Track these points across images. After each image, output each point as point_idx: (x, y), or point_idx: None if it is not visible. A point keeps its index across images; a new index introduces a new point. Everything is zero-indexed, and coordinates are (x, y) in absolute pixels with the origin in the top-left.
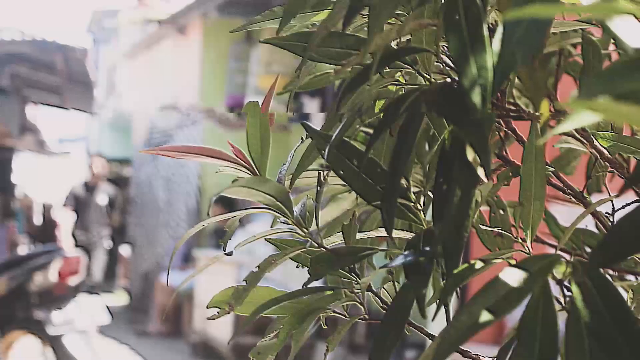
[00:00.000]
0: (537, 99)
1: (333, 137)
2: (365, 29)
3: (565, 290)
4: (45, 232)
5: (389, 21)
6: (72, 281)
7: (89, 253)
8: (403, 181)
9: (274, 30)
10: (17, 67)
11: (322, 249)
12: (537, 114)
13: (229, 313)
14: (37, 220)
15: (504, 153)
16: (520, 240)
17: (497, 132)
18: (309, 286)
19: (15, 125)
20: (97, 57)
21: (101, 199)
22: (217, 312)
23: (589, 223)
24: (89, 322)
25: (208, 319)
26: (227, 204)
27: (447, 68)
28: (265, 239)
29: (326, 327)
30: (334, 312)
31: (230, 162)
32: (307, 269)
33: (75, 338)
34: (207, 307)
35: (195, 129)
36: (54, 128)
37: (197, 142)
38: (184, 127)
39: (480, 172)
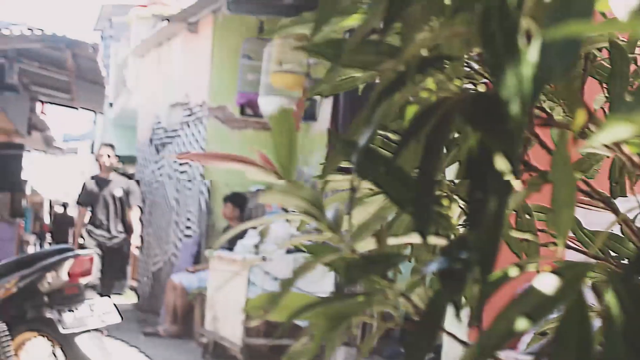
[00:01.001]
0: (572, 107)
1: (361, 144)
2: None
3: (598, 296)
4: (57, 231)
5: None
6: (84, 281)
7: (103, 251)
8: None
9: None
10: (26, 64)
11: (355, 254)
12: (566, 119)
13: (265, 318)
14: (48, 218)
15: (526, 158)
16: (546, 245)
17: None
18: (340, 291)
19: (24, 123)
20: (106, 53)
21: (116, 192)
22: (252, 317)
23: (608, 226)
24: (100, 322)
25: (247, 325)
26: (238, 203)
27: (477, 76)
28: (295, 245)
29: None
30: (367, 317)
31: (260, 168)
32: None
33: (86, 338)
34: (243, 312)
35: (200, 127)
36: (62, 125)
37: (201, 141)
38: (189, 125)
39: (512, 180)
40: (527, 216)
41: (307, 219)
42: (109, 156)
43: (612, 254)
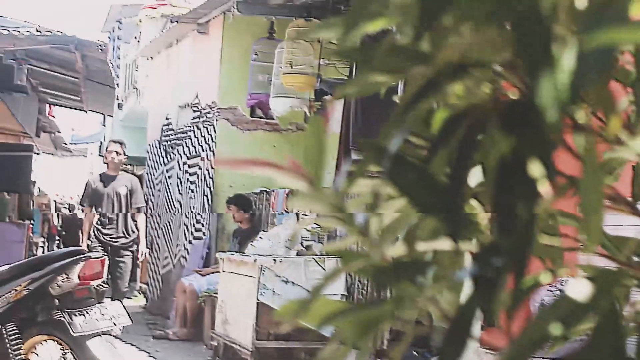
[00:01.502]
0: (606, 112)
1: (391, 150)
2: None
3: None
4: (66, 233)
5: None
6: (94, 284)
7: (111, 253)
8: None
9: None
10: (35, 65)
11: (385, 259)
12: (590, 123)
13: (296, 324)
14: (56, 220)
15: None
16: (569, 250)
17: None
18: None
19: (33, 125)
20: (115, 54)
21: (121, 190)
22: (283, 322)
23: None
24: (110, 325)
25: (281, 330)
26: (241, 205)
27: (503, 81)
28: (325, 251)
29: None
30: (397, 323)
31: (290, 174)
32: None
33: (97, 341)
34: (275, 318)
35: (210, 128)
36: (70, 127)
37: (211, 142)
38: (199, 126)
39: (544, 186)
40: (552, 221)
41: (335, 224)
42: (117, 153)
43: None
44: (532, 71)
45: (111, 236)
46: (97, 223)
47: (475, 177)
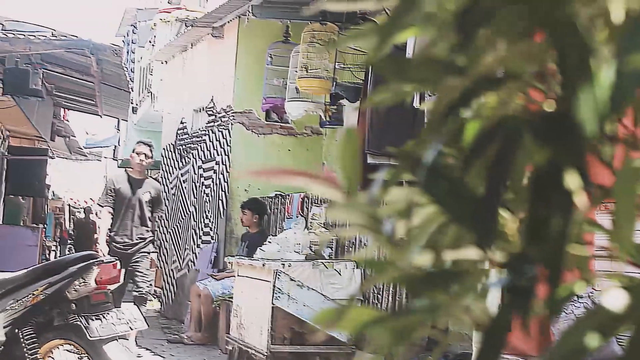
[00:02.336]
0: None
1: (427, 160)
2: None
3: None
4: (79, 237)
5: None
6: (110, 288)
7: (128, 258)
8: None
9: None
10: (50, 70)
11: (416, 268)
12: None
13: (331, 330)
14: (71, 224)
15: None
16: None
17: None
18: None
19: (48, 129)
20: (129, 58)
21: (144, 196)
22: (319, 329)
23: None
24: (127, 330)
25: (322, 332)
26: (256, 210)
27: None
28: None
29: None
30: (431, 331)
31: (324, 183)
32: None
33: (113, 346)
34: (313, 324)
35: (225, 132)
36: (84, 131)
37: (226, 146)
38: (213, 130)
39: (580, 197)
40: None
41: (366, 232)
42: (146, 155)
43: None
44: (570, 84)
45: (125, 244)
46: (109, 228)
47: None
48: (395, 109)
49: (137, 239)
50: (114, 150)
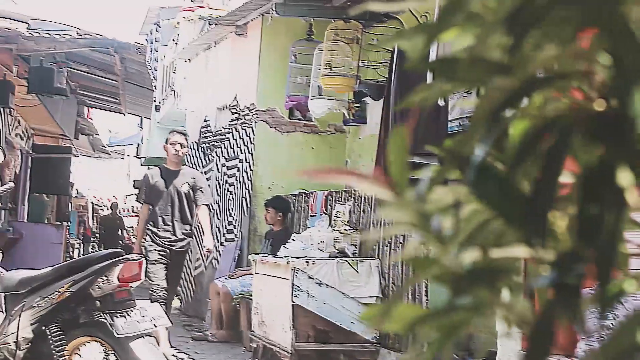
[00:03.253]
0: None
1: (476, 160)
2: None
3: None
4: (104, 234)
5: None
6: (132, 286)
7: (169, 257)
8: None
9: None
10: (74, 68)
11: (460, 266)
12: None
13: (379, 329)
14: (95, 222)
15: None
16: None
17: None
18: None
19: (72, 128)
20: (152, 56)
21: (182, 187)
22: (367, 327)
23: None
24: (151, 327)
25: (375, 336)
26: (280, 208)
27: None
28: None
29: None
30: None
31: (374, 182)
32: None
33: (139, 343)
34: (359, 321)
35: (248, 130)
36: (108, 129)
37: (250, 144)
38: (237, 128)
39: (632, 195)
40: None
41: (413, 231)
42: (181, 145)
43: None
44: (624, 83)
45: (168, 239)
46: (151, 224)
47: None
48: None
49: (181, 235)
50: (137, 148)
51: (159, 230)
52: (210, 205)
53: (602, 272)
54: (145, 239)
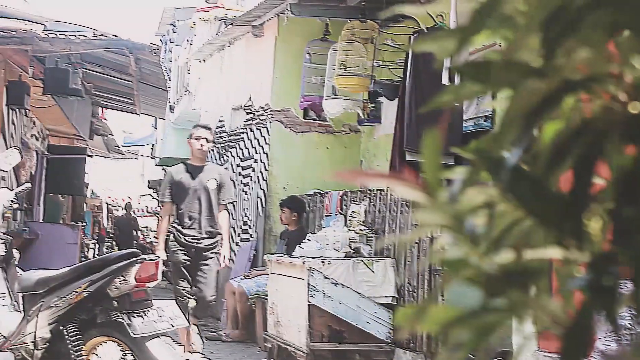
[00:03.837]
0: None
1: (511, 163)
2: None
3: None
4: (120, 234)
5: None
6: (149, 286)
7: (194, 256)
8: None
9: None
10: (89, 69)
11: (495, 268)
12: None
13: (414, 330)
14: (106, 222)
15: None
16: None
17: None
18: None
19: (86, 128)
20: (167, 57)
21: (209, 183)
22: (401, 328)
23: None
24: (168, 327)
25: (390, 335)
26: (295, 208)
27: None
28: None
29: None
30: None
31: (408, 185)
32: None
33: (156, 343)
34: (394, 324)
35: (263, 130)
36: (122, 130)
37: (265, 144)
38: (252, 129)
39: None
40: None
41: (447, 232)
42: (207, 140)
43: None
44: None
45: (194, 237)
46: (175, 222)
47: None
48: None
49: (206, 233)
50: (152, 148)
51: (184, 229)
52: (234, 204)
53: (637, 273)
54: (169, 241)
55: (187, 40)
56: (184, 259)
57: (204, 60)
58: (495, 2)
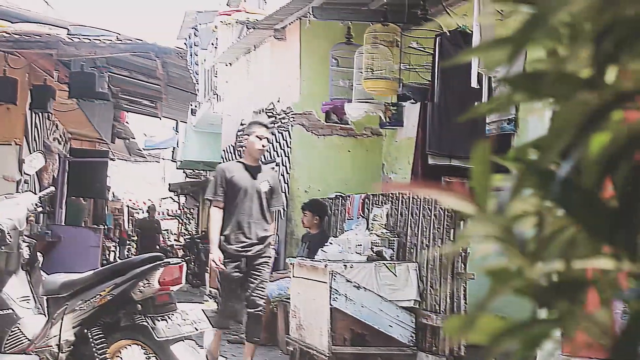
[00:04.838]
0: None
1: (561, 175)
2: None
3: None
4: (142, 238)
5: None
6: (173, 289)
7: (250, 260)
8: None
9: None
10: (115, 73)
11: (543, 279)
12: None
13: (464, 340)
14: (128, 225)
15: None
16: None
17: None
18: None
19: (109, 132)
20: (192, 60)
21: (262, 186)
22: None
23: None
24: (192, 330)
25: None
26: (316, 211)
27: None
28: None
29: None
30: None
31: (457, 196)
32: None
33: (180, 346)
34: (443, 334)
35: (285, 134)
36: (143, 133)
37: (286, 147)
38: (273, 132)
39: None
40: None
41: (496, 243)
42: (267, 140)
43: None
44: None
45: (244, 244)
46: (224, 226)
47: None
48: (454, 109)
49: (257, 239)
50: (173, 151)
51: (231, 233)
52: (281, 212)
53: None
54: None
55: (212, 44)
56: (234, 274)
57: (230, 63)
58: (545, 14)
